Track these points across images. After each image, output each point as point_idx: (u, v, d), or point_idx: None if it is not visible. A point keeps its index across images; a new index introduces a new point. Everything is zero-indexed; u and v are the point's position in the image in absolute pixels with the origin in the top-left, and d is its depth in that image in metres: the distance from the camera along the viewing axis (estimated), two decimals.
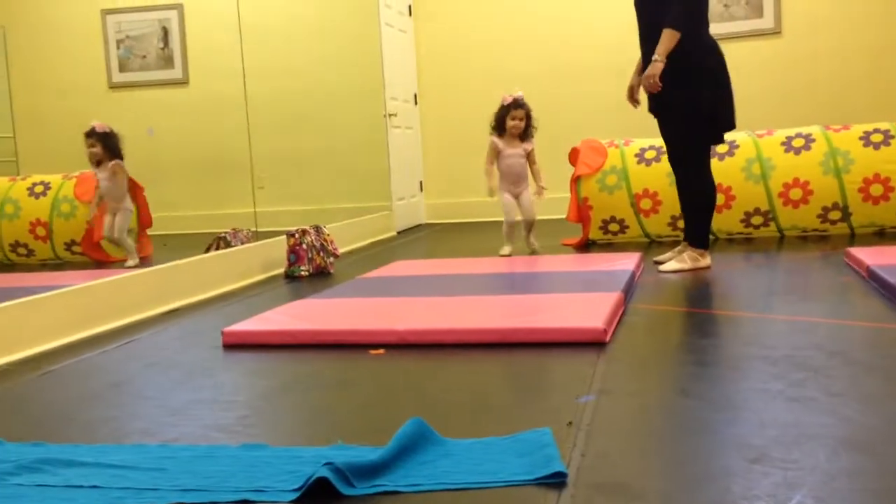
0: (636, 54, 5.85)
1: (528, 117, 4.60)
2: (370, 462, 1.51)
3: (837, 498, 1.34)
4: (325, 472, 1.45)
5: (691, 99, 3.59)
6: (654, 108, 3.76)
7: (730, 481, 1.42)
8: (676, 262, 3.75)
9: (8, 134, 5.05)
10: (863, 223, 4.66)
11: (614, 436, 1.70)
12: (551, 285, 3.33)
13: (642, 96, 3.85)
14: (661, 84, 3.53)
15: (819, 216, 4.66)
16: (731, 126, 3.75)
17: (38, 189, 4.59)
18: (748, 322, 2.70)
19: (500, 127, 4.57)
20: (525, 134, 4.62)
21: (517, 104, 4.54)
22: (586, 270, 3.65)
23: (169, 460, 1.64)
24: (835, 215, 4.64)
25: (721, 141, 3.82)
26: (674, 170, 3.85)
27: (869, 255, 3.42)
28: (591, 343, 2.44)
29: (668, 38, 3.51)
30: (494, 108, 4.65)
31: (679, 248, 3.89)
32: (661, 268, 3.72)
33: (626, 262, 3.73)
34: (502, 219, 4.59)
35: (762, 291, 3.33)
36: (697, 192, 3.77)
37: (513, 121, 4.54)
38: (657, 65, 3.52)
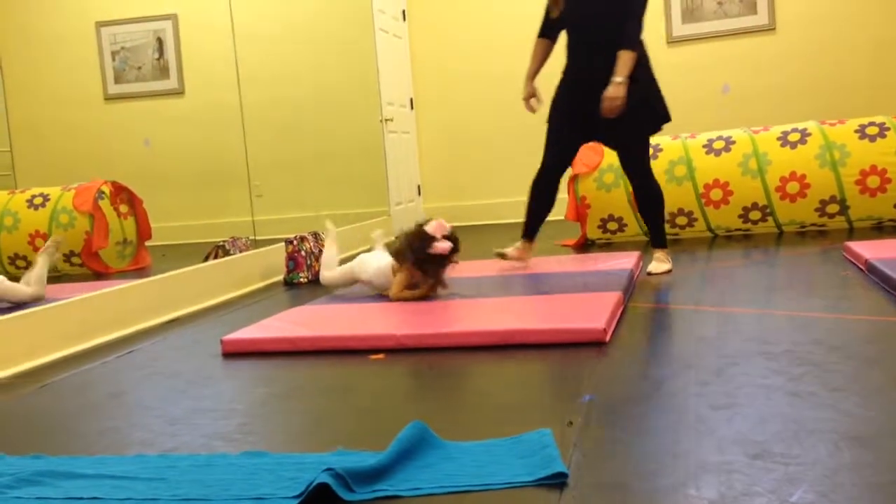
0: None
1: None
2: (371, 467, 1.50)
3: (839, 493, 1.34)
4: (325, 478, 1.45)
5: (647, 103, 3.57)
6: (607, 122, 3.57)
7: (731, 477, 1.42)
8: (660, 263, 3.69)
9: (5, 148, 5.05)
10: (861, 216, 4.66)
11: (615, 434, 1.70)
12: (550, 286, 3.33)
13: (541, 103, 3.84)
14: (624, 107, 3.49)
15: (817, 210, 4.65)
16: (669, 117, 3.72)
17: (38, 201, 4.59)
18: (748, 318, 2.70)
19: (420, 264, 3.23)
20: None
21: (456, 250, 3.27)
22: (585, 271, 3.65)
23: (169, 470, 1.63)
24: (833, 209, 4.64)
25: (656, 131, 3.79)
26: (637, 177, 3.71)
27: (868, 249, 3.41)
28: (591, 343, 2.43)
29: (629, 60, 3.47)
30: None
31: (656, 255, 3.76)
32: (651, 270, 3.67)
33: (625, 262, 3.72)
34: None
35: (761, 287, 3.33)
36: (659, 195, 3.72)
37: (446, 268, 3.28)
38: (622, 87, 3.46)
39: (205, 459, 1.68)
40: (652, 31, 6.57)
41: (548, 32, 3.83)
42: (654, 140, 4.98)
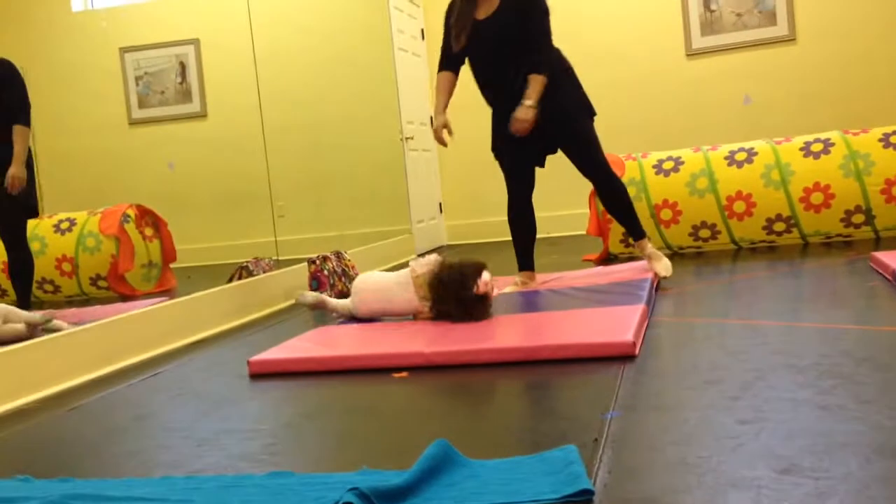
0: (649, 71, 5.85)
1: None
2: (395, 486, 1.50)
3: None
4: (350, 498, 1.45)
5: (586, 103, 3.65)
6: (554, 133, 3.64)
7: (759, 493, 1.40)
8: (657, 260, 3.73)
9: None
10: (888, 225, 4.61)
11: (641, 450, 1.69)
12: (573, 301, 3.32)
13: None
14: (531, 129, 3.51)
15: (842, 220, 4.61)
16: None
17: (64, 226, 4.66)
18: (774, 331, 2.67)
19: (458, 310, 3.10)
20: None
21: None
22: (604, 283, 3.63)
23: (195, 492, 1.64)
24: (858, 219, 4.59)
25: None
26: (599, 176, 3.77)
27: (895, 259, 3.37)
28: (615, 358, 2.42)
29: (540, 84, 3.49)
30: None
31: (648, 252, 3.77)
32: (662, 273, 3.69)
33: (642, 272, 3.71)
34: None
35: (788, 299, 3.30)
36: (623, 189, 3.81)
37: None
38: (532, 110, 3.48)
39: (231, 480, 1.69)
40: (671, 44, 6.61)
41: (450, 66, 3.80)
42: (675, 153, 4.99)
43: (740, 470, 1.52)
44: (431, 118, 3.62)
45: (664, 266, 3.72)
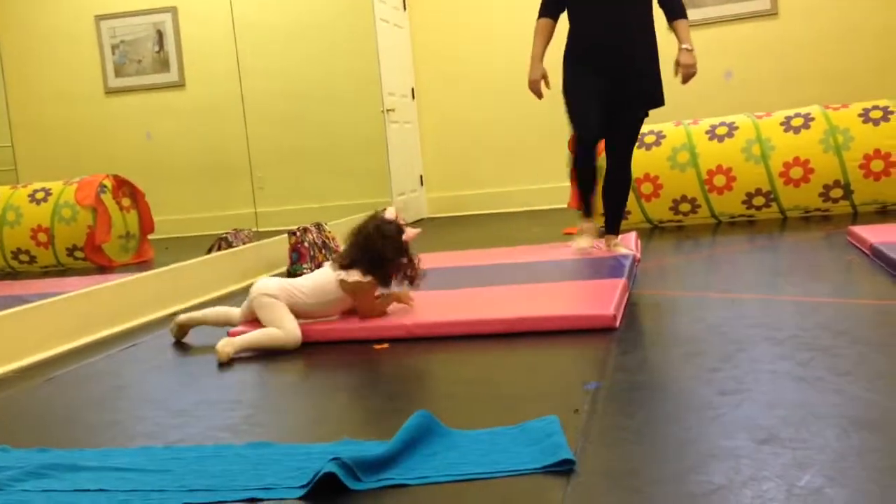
0: None
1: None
2: (377, 456, 1.50)
3: (848, 476, 1.33)
4: (331, 468, 1.44)
5: (660, 83, 3.63)
6: (626, 93, 3.60)
7: (739, 462, 1.41)
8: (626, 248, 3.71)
9: (6, 143, 5.04)
10: (865, 200, 4.64)
11: (622, 421, 1.70)
12: (554, 274, 3.32)
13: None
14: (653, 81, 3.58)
15: (821, 195, 4.64)
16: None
17: (39, 195, 4.59)
18: (753, 304, 2.69)
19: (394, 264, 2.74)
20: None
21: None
22: (585, 258, 3.63)
23: (175, 461, 1.63)
24: (836, 193, 4.62)
25: None
26: (625, 163, 3.76)
27: (872, 233, 3.40)
28: (596, 330, 2.43)
29: (688, 27, 3.60)
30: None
31: (615, 241, 3.73)
32: (624, 250, 3.66)
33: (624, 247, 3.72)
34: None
35: (766, 273, 3.32)
36: (629, 186, 3.85)
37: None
38: (693, 54, 3.55)
39: (210, 451, 1.68)
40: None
41: (551, 12, 3.72)
42: (657, 127, 4.99)
43: (720, 440, 1.53)
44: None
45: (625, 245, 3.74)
